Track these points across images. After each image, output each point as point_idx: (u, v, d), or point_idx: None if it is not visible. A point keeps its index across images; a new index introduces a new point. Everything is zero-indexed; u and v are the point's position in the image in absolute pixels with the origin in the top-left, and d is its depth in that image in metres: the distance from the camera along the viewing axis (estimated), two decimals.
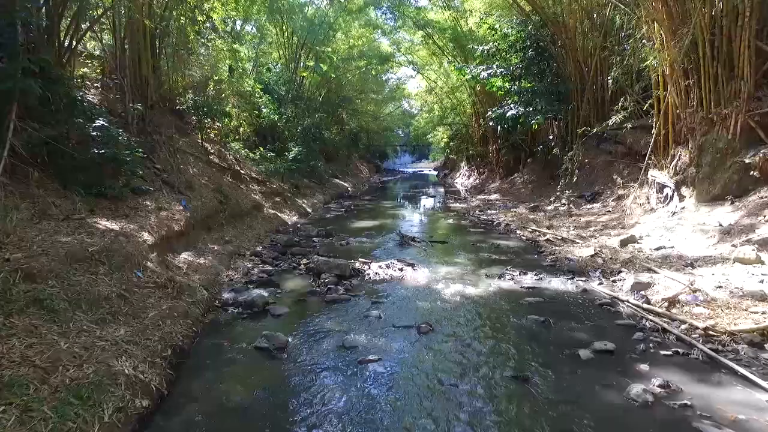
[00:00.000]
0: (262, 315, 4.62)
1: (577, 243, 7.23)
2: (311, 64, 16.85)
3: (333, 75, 19.07)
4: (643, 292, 4.80)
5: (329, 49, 16.36)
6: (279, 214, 10.62)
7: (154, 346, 3.48)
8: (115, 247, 4.58)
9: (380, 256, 7.14)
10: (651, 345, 3.71)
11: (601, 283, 5.44)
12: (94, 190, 5.95)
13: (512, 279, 5.70)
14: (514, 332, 4.11)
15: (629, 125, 9.63)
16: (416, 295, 5.18)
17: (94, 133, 6.18)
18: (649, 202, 8.81)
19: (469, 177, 23.22)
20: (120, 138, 6.63)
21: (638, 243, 6.90)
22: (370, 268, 6.17)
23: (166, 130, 9.56)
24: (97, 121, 6.28)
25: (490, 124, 13.87)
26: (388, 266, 6.21)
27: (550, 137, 14.47)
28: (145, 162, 8.00)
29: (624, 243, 6.86)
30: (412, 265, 6.34)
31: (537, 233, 8.47)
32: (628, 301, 4.67)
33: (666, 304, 4.46)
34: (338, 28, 20.45)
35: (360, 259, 6.41)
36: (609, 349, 3.60)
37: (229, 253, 6.71)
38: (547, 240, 7.74)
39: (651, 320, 4.15)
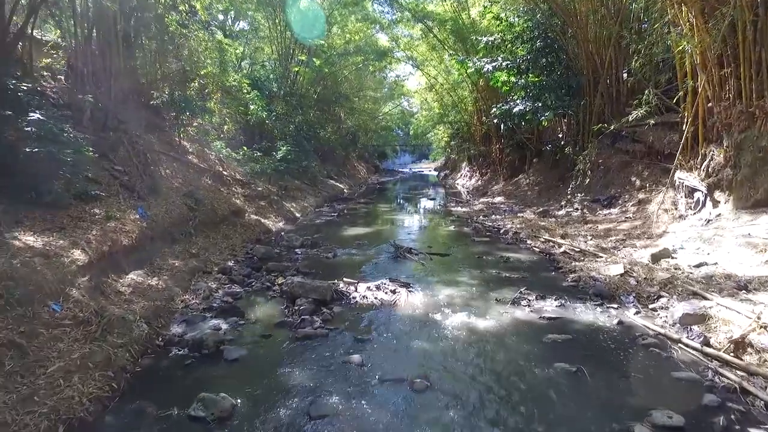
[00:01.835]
0: (214, 359, 3.61)
1: (601, 257, 6.21)
2: (303, 58, 15.83)
3: (327, 70, 18.04)
4: (697, 328, 3.78)
5: (322, 42, 15.31)
6: (262, 220, 9.61)
7: (37, 423, 2.47)
8: (23, 272, 3.56)
9: (370, 273, 6.12)
10: (732, 416, 2.69)
11: (638, 312, 4.43)
12: (24, 196, 4.96)
13: (528, 306, 4.68)
14: (539, 390, 3.09)
15: (652, 121, 8.61)
16: (411, 330, 4.16)
17: (29, 129, 5.19)
18: (676, 208, 7.79)
19: (470, 178, 22.20)
20: (64, 135, 5.64)
21: (673, 257, 5.89)
22: (356, 290, 5.16)
23: (136, 127, 8.55)
24: (32, 114, 5.27)
25: (495, 121, 12.84)
26: (378, 288, 5.20)
27: (560, 135, 13.45)
28: (102, 162, 7.02)
29: (656, 258, 5.84)
30: (406, 286, 5.32)
31: (551, 244, 7.45)
32: (681, 342, 3.65)
33: (732, 346, 3.45)
34: (334, 21, 19.46)
35: (345, 279, 5.38)
36: (676, 425, 2.58)
37: (191, 270, 5.69)
38: (564, 253, 6.72)
39: (722, 375, 3.13)
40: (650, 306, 4.52)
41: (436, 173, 34.60)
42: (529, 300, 4.82)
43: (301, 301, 4.71)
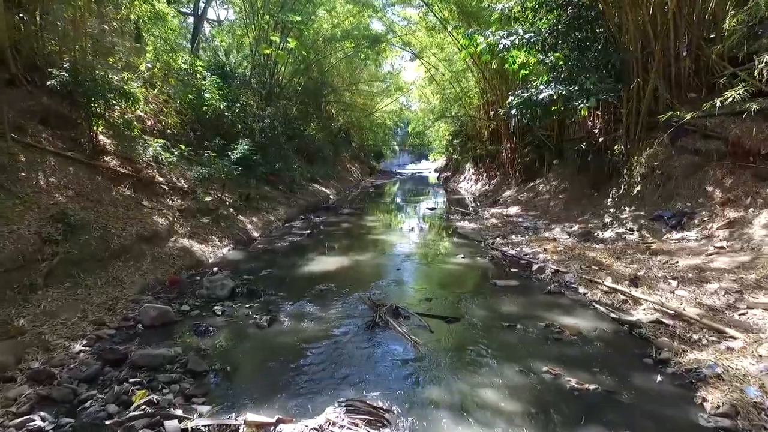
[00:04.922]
0: None
1: (732, 337, 3.48)
2: (275, 39, 13.10)
3: (305, 53, 15.31)
4: None
5: (297, 18, 12.55)
6: (194, 247, 6.86)
7: None
8: None
9: (321, 368, 3.38)
10: None
11: None
12: None
13: None
14: None
15: (755, 106, 5.89)
16: None
17: None
18: None
19: (476, 181, 19.45)
20: None
21: None
22: None
23: (13, 116, 5.86)
24: None
25: (512, 112, 10.09)
26: None
27: (595, 130, 10.71)
28: None
29: None
30: (379, 423, 2.60)
31: (619, 296, 4.72)
32: None
33: None
34: (319, 3, 16.77)
35: (250, 417, 2.58)
36: None
37: None
38: (658, 323, 3.98)
39: None
40: None
41: (436, 174, 31.91)
42: None
43: None
